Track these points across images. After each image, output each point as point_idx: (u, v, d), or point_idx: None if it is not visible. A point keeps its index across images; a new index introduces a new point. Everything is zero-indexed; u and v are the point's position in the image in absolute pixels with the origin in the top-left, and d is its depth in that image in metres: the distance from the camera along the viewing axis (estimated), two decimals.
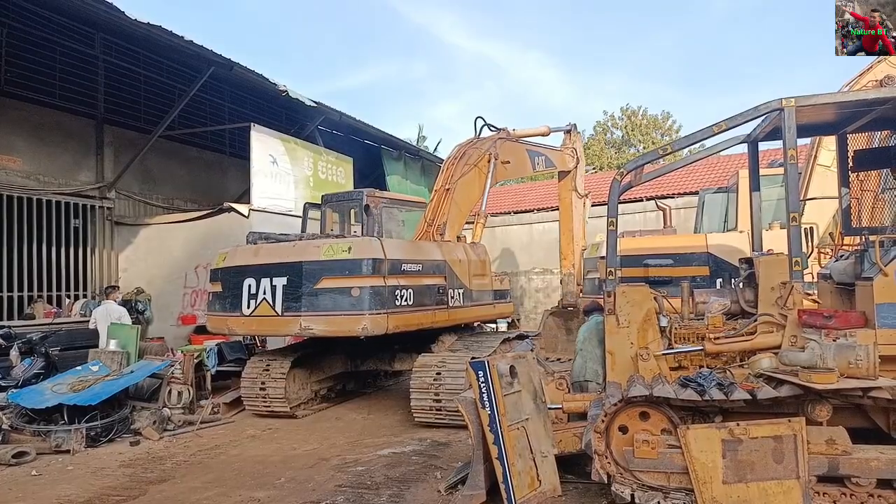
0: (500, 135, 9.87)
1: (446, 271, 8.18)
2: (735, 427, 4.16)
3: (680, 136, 26.19)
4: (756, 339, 4.98)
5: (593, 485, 4.68)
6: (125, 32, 11.29)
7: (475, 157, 9.16)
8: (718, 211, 13.13)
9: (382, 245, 7.37)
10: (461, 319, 8.62)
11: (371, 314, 7.04)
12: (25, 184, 12.07)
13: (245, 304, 7.71)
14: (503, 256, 22.05)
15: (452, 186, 8.85)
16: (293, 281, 7.37)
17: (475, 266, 8.86)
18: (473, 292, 8.73)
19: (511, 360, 4.94)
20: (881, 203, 6.35)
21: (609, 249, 5.36)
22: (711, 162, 20.98)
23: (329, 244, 7.46)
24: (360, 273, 7.13)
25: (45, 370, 8.43)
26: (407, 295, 7.44)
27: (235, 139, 16.59)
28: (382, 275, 7.17)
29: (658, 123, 39.41)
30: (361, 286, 7.07)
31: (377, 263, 7.16)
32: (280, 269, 7.52)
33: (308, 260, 7.39)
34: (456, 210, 8.85)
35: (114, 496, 5.33)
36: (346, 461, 6.16)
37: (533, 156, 10.54)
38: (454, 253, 8.48)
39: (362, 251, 7.25)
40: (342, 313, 7.15)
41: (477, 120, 9.92)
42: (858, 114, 5.33)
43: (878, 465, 4.08)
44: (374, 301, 7.07)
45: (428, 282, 7.86)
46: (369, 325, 7.03)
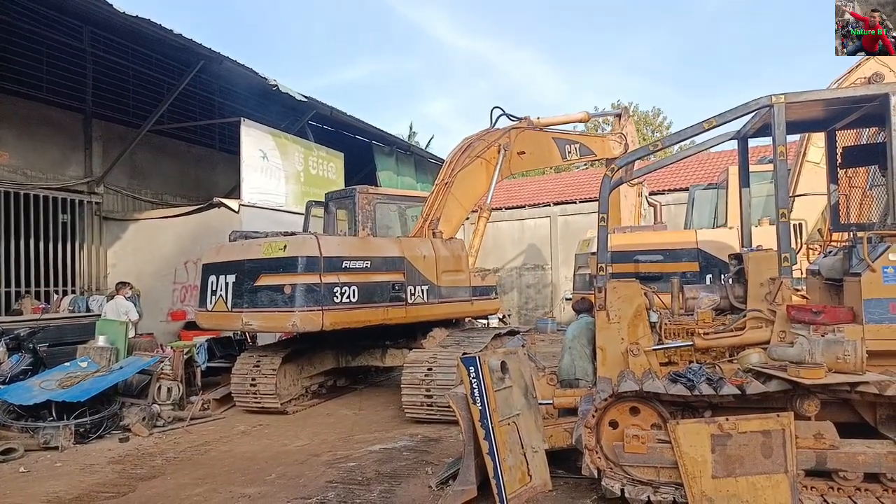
0: (514, 124, 9.61)
1: (405, 267, 8.14)
2: (724, 422, 4.19)
3: (670, 133, 26.28)
4: (745, 335, 5.01)
5: (584, 480, 4.70)
6: (113, 25, 11.18)
7: (480, 148, 9.01)
8: (708, 207, 13.21)
9: (319, 242, 7.45)
10: (424, 317, 8.48)
11: (302, 311, 7.19)
12: (13, 178, 11.95)
13: (209, 300, 8.10)
14: (494, 252, 22.05)
15: (451, 180, 8.75)
16: (239, 278, 7.71)
17: (446, 262, 8.72)
18: (443, 288, 8.64)
19: (502, 356, 4.95)
20: (869, 199, 6.39)
21: (600, 245, 5.38)
22: (701, 158, 21.10)
23: (268, 243, 7.66)
24: (295, 271, 7.29)
25: (33, 366, 8.35)
26: (349, 292, 7.50)
27: (225, 134, 16.50)
28: (318, 272, 7.27)
29: (649, 120, 39.50)
30: (294, 283, 7.24)
31: (311, 261, 7.28)
32: (230, 267, 7.87)
33: (250, 258, 7.67)
34: (454, 203, 8.76)
35: (103, 493, 5.30)
36: (336, 457, 6.15)
37: (562, 144, 10.19)
38: (416, 249, 8.39)
39: (297, 249, 7.40)
40: (276, 310, 7.34)
41: (493, 110, 9.68)
42: (847, 111, 5.37)
43: (865, 460, 4.12)
44: (306, 298, 7.21)
45: (379, 278, 7.86)
46: (299, 322, 7.20)
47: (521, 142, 9.41)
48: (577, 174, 27.07)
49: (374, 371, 10.72)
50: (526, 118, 9.86)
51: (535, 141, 9.73)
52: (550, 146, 10.04)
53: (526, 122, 9.76)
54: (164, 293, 12.74)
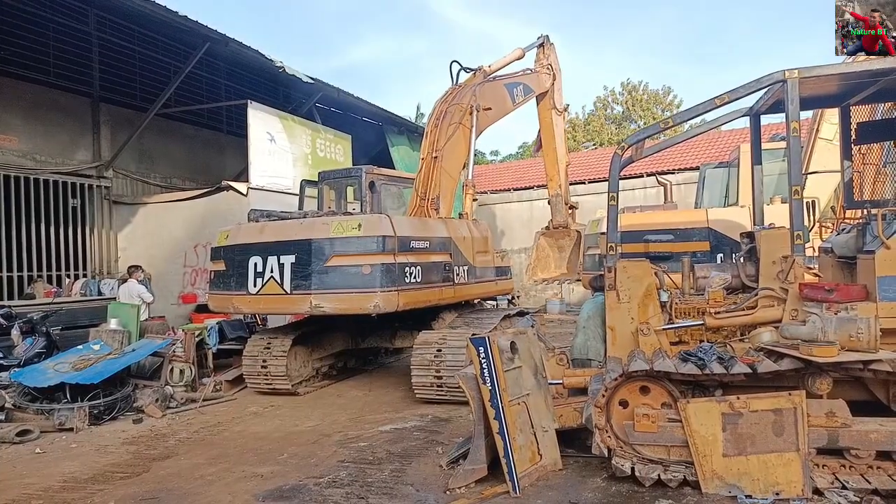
0: (476, 79, 9.30)
1: (451, 248, 8.13)
2: (735, 400, 4.17)
3: (681, 110, 25.97)
4: (757, 314, 4.98)
5: (594, 459, 4.71)
6: (119, 8, 11.13)
7: (458, 115, 8.72)
8: (719, 186, 13.11)
9: (392, 222, 7.32)
10: (466, 296, 8.60)
11: (383, 291, 7.00)
12: (22, 163, 12.00)
13: (251, 283, 7.65)
14: (503, 233, 21.99)
15: (440, 154, 8.53)
16: (302, 259, 7.31)
17: (478, 243, 8.81)
18: (477, 269, 8.69)
19: (512, 336, 4.94)
20: (883, 176, 6.32)
21: (610, 225, 5.34)
22: (712, 137, 20.87)
23: (338, 221, 7.41)
24: (372, 250, 7.10)
25: (47, 349, 8.44)
26: (416, 272, 7.39)
27: (233, 117, 16.47)
28: (392, 252, 7.13)
29: (659, 98, 39.11)
30: (373, 263, 7.03)
31: (387, 240, 7.12)
32: (287, 247, 7.44)
33: (317, 237, 7.32)
34: (447, 178, 8.61)
35: (118, 473, 5.37)
36: (348, 437, 6.20)
37: (511, 88, 9.87)
38: (459, 230, 8.44)
39: (373, 228, 7.20)
40: (353, 291, 7.10)
41: (452, 65, 9.37)
42: (862, 85, 5.27)
43: (877, 438, 4.10)
44: (386, 278, 7.03)
45: (435, 259, 7.82)
46: (381, 303, 7.00)
47: (484, 96, 9.07)
48: (585, 154, 26.88)
49: (383, 352, 10.77)
50: (480, 68, 9.51)
51: (493, 92, 9.41)
52: (503, 93, 9.70)
53: (481, 73, 9.44)
54: (175, 276, 12.82)
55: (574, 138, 35.95)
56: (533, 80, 10.47)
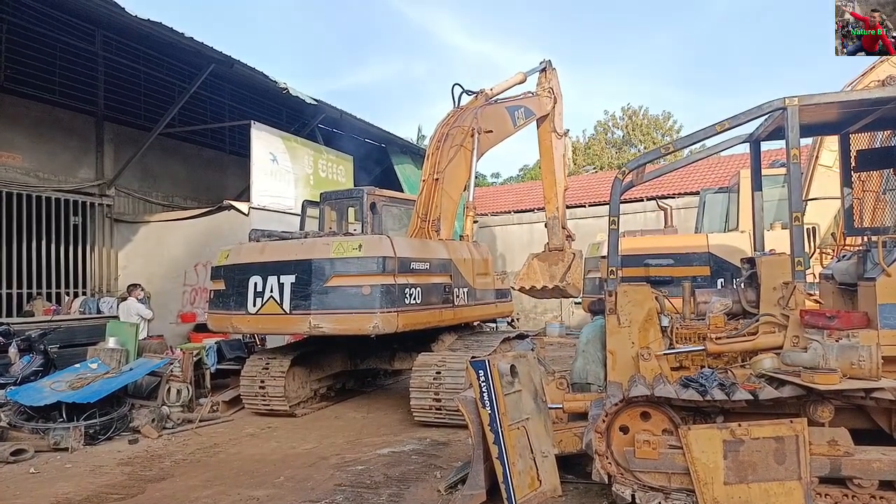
0: (478, 102, 9.35)
1: (452, 270, 8.14)
2: (737, 427, 4.13)
3: (681, 136, 26.11)
4: (758, 340, 4.95)
5: (594, 485, 4.66)
6: (125, 29, 11.27)
7: (459, 137, 8.75)
8: (719, 211, 13.15)
9: (392, 243, 7.33)
10: (466, 318, 8.58)
11: (382, 312, 7.00)
12: (25, 181, 12.06)
13: (251, 303, 7.63)
14: (503, 256, 22.00)
15: (441, 175, 8.55)
16: (302, 279, 7.31)
17: (479, 265, 8.82)
18: (477, 291, 8.69)
19: (512, 360, 4.91)
20: (883, 203, 6.34)
21: (610, 249, 5.33)
22: (712, 162, 20.97)
23: (338, 242, 7.43)
24: (372, 271, 7.11)
25: (44, 367, 8.38)
26: (415, 293, 7.39)
27: (235, 137, 16.58)
28: (393, 273, 7.14)
29: (659, 123, 39.40)
30: (372, 284, 7.04)
31: (388, 261, 7.14)
32: (288, 267, 7.45)
33: (317, 258, 7.33)
34: (448, 200, 8.63)
35: (112, 494, 5.31)
36: (345, 460, 6.14)
37: (512, 111, 9.89)
38: (460, 252, 8.45)
39: (373, 249, 7.22)
40: (353, 311, 7.10)
41: (454, 88, 9.42)
42: (861, 113, 5.31)
43: (880, 467, 4.05)
44: (385, 299, 7.03)
45: (435, 280, 7.83)
46: (380, 324, 7.00)
47: (485, 118, 9.11)
48: (585, 178, 27.00)
49: (382, 374, 10.71)
50: (482, 91, 9.58)
51: (495, 114, 9.45)
52: (505, 116, 9.73)
53: (483, 95, 9.50)
54: (175, 295, 12.80)
55: (574, 161, 36.10)
56: (534, 104, 10.53)
